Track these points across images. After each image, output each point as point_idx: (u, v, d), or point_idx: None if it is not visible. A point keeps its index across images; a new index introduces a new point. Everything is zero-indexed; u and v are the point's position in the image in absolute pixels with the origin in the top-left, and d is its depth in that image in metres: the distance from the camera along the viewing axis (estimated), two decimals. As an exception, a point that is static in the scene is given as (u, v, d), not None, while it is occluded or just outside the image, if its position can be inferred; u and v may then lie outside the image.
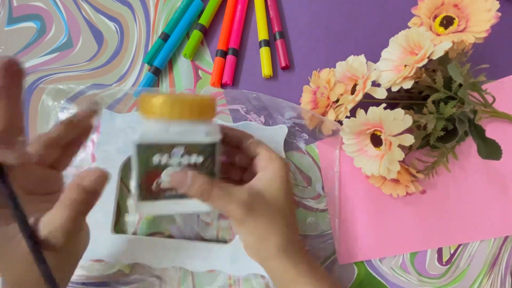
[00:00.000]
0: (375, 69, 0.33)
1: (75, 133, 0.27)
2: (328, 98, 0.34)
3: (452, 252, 0.38)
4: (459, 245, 0.38)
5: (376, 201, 0.38)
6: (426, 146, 0.34)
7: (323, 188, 0.38)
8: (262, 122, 0.39)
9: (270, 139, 0.37)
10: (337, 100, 0.34)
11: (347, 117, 0.32)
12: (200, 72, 0.42)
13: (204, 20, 0.42)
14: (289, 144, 0.39)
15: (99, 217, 0.36)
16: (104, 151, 0.38)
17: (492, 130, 0.38)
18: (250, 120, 0.39)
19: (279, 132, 0.38)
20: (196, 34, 0.41)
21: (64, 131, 0.26)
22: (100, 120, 0.38)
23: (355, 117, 0.31)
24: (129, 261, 0.36)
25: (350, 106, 0.32)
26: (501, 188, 0.38)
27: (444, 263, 0.37)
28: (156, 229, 0.38)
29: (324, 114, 0.36)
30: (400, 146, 0.29)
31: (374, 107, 0.29)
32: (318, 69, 0.36)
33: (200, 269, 0.36)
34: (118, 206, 0.38)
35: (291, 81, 0.41)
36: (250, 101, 0.39)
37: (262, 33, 0.42)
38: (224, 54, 0.41)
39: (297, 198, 0.38)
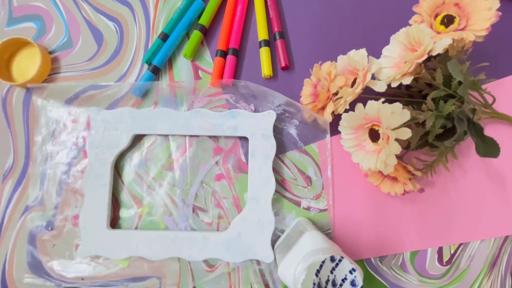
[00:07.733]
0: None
1: None
2: (328, 90, 0.34)
3: (452, 252, 0.38)
4: (460, 245, 0.38)
5: (375, 200, 0.38)
6: (425, 146, 0.34)
7: (323, 189, 0.38)
8: (252, 110, 0.40)
9: (259, 125, 0.38)
10: (337, 93, 0.34)
11: (346, 111, 0.32)
12: (200, 72, 0.42)
13: (204, 20, 0.42)
14: (279, 130, 0.39)
15: (94, 213, 0.37)
16: (96, 147, 0.38)
17: (492, 131, 0.38)
18: (240, 109, 0.39)
19: (267, 117, 0.38)
20: (196, 35, 0.41)
21: None
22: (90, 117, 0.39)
23: (353, 111, 0.31)
24: (126, 255, 0.36)
25: (349, 99, 0.32)
26: (501, 188, 0.38)
27: (444, 263, 0.37)
28: (152, 223, 0.38)
29: (324, 107, 0.36)
30: (398, 142, 0.28)
31: (373, 101, 0.29)
32: (320, 62, 0.36)
33: (197, 258, 0.36)
34: (116, 200, 0.38)
35: (291, 81, 0.41)
36: (239, 90, 0.40)
37: (262, 33, 0.42)
38: (224, 54, 0.41)
39: (297, 198, 0.38)
